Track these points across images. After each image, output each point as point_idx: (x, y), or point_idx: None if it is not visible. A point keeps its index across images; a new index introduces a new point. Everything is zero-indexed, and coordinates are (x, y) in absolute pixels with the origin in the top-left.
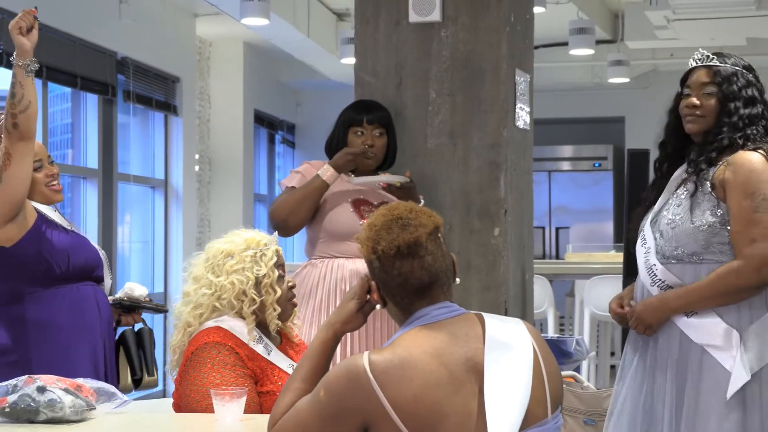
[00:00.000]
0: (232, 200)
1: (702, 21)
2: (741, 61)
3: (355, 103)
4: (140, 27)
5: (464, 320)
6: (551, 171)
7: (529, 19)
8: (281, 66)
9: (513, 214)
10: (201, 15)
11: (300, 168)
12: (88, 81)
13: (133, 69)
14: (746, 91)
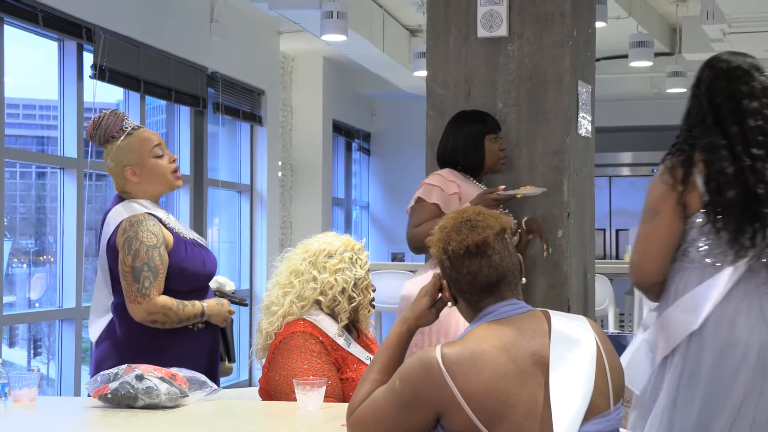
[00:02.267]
0: (312, 204)
1: (756, 34)
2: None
3: (475, 114)
4: (228, 44)
5: (531, 317)
6: (612, 176)
7: (591, 33)
8: (358, 78)
9: (575, 217)
10: (284, 32)
11: (434, 181)
12: (181, 94)
13: (222, 83)
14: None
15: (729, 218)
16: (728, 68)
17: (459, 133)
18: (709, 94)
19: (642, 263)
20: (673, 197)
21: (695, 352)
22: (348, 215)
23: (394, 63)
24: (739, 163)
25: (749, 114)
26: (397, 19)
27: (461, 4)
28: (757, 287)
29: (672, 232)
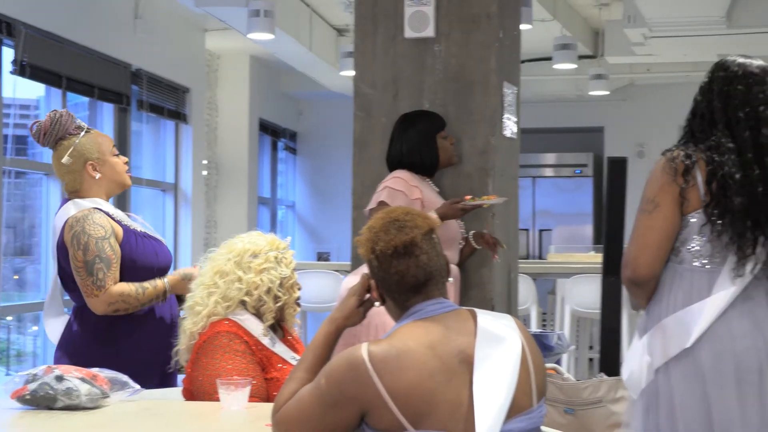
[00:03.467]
0: (237, 203)
1: (676, 38)
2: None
3: (420, 114)
4: (153, 41)
5: (457, 315)
6: (536, 177)
7: (516, 36)
8: (285, 77)
9: (500, 217)
10: (210, 30)
11: (398, 186)
12: (104, 91)
13: (147, 80)
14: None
15: (734, 223)
16: (744, 72)
17: (410, 135)
18: (724, 97)
19: (640, 257)
20: (673, 191)
21: (694, 366)
22: (274, 214)
23: (321, 62)
24: (747, 170)
25: (764, 122)
26: (324, 19)
27: (389, 4)
28: (749, 297)
29: (672, 225)
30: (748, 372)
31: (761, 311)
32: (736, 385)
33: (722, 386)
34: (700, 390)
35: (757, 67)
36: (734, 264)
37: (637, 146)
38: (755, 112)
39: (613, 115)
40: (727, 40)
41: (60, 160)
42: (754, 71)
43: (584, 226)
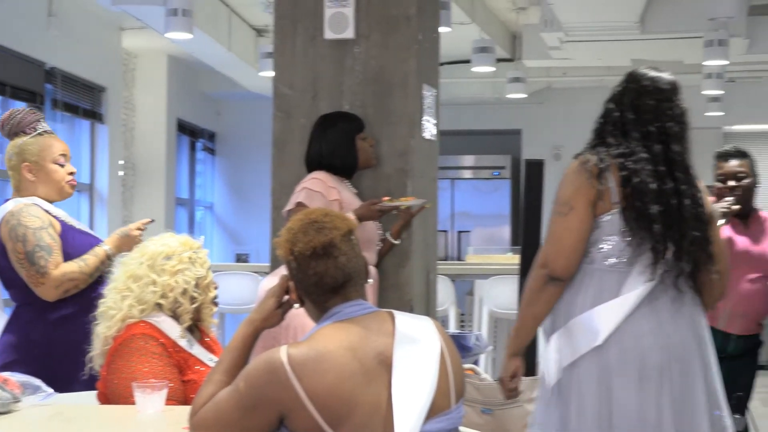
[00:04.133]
0: (154, 204)
1: (591, 43)
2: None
3: (340, 115)
4: (68, 39)
5: (376, 317)
6: (454, 179)
7: (435, 38)
8: (203, 77)
9: (419, 219)
10: (127, 29)
11: (316, 186)
12: (16, 89)
13: (61, 79)
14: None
15: (650, 229)
16: (654, 87)
17: (329, 136)
18: (635, 109)
19: (558, 258)
20: (587, 194)
21: (602, 362)
22: (192, 215)
23: (240, 62)
24: (661, 182)
25: (673, 137)
26: (243, 19)
27: (308, 5)
28: (656, 299)
29: (586, 227)
30: (650, 369)
31: (665, 313)
32: (639, 382)
33: (626, 383)
34: (606, 386)
35: (667, 82)
36: (645, 267)
37: (554, 149)
38: (664, 128)
39: (531, 117)
40: (640, 45)
41: (7, 154)
42: (664, 87)
43: (502, 227)
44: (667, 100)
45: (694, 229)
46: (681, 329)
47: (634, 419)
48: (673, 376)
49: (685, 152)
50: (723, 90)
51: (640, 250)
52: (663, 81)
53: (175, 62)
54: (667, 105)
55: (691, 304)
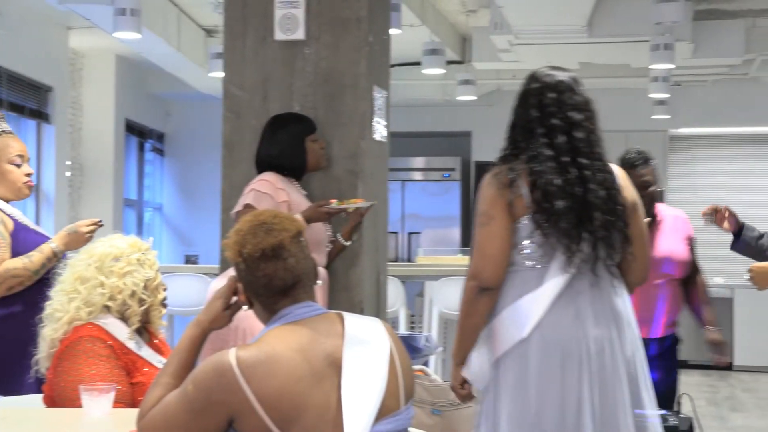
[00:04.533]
0: (102, 205)
1: (540, 46)
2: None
3: (291, 116)
4: (14, 37)
5: (326, 318)
6: (405, 180)
7: (386, 40)
8: (152, 78)
9: (369, 220)
10: (74, 28)
11: (264, 188)
12: None
13: (6, 78)
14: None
15: (559, 225)
16: (555, 81)
17: (280, 137)
18: (539, 106)
19: (485, 268)
20: (502, 202)
21: (524, 354)
22: (140, 216)
23: (189, 63)
24: (565, 174)
25: (576, 125)
26: (192, 19)
27: (258, 5)
28: (574, 289)
29: (508, 233)
30: (570, 360)
31: (584, 303)
32: (561, 372)
33: (548, 373)
34: (529, 379)
35: (566, 76)
36: (562, 261)
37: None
38: (567, 117)
39: (481, 119)
40: (588, 48)
41: None
42: (564, 80)
43: (452, 229)
44: (568, 91)
45: (605, 212)
46: (601, 320)
47: (556, 411)
48: (593, 368)
49: (592, 139)
50: (669, 93)
51: (556, 249)
52: (562, 75)
53: (124, 62)
54: (568, 95)
55: (611, 290)
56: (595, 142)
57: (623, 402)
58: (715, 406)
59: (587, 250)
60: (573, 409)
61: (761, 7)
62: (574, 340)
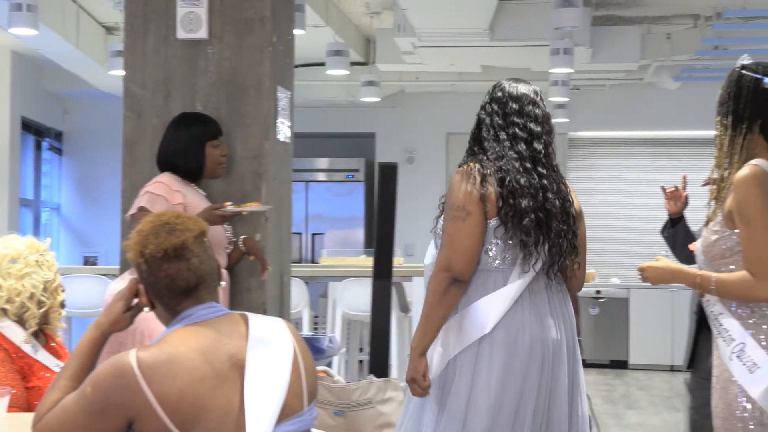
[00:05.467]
0: None
1: (443, 48)
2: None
3: (197, 117)
4: None
5: (229, 320)
6: (308, 181)
7: (290, 40)
8: (49, 75)
9: (273, 221)
10: None
11: (159, 190)
12: None
13: None
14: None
15: (521, 224)
16: (518, 94)
17: (180, 137)
18: (503, 114)
19: (459, 261)
20: (477, 198)
21: (487, 351)
22: (37, 217)
23: (89, 61)
24: (529, 178)
25: (535, 137)
26: (92, 16)
27: (160, 3)
28: (533, 290)
29: (482, 229)
30: (533, 358)
31: (542, 304)
32: (525, 370)
33: (513, 371)
34: (489, 376)
35: (529, 89)
36: (522, 260)
37: (407, 152)
38: (528, 128)
39: (384, 121)
40: (490, 51)
41: None
42: (527, 93)
43: (356, 230)
44: (530, 104)
45: (560, 221)
46: (558, 320)
47: (515, 405)
48: (551, 365)
49: (549, 151)
50: (568, 97)
51: (520, 249)
52: (526, 88)
53: (20, 59)
54: (530, 108)
55: (561, 293)
56: (553, 154)
57: (567, 394)
58: (612, 404)
59: (543, 254)
60: (532, 403)
61: (656, 14)
62: (537, 339)
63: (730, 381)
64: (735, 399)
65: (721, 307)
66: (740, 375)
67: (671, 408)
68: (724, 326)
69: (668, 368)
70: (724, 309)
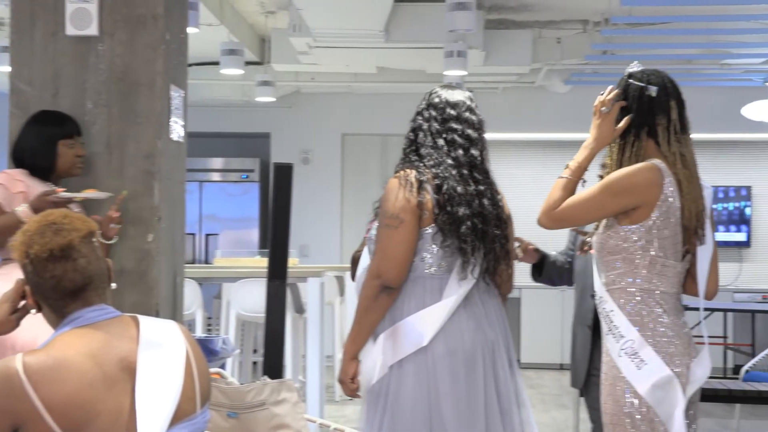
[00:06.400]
0: None
1: (339, 49)
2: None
3: (55, 116)
4: None
5: (119, 322)
6: (202, 181)
7: (183, 38)
8: None
9: (166, 221)
10: None
11: (1, 179)
12: None
13: None
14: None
15: (458, 232)
16: (455, 101)
17: (32, 134)
18: (440, 120)
19: (391, 269)
20: (412, 207)
21: (429, 360)
22: None
23: None
24: (466, 185)
25: (473, 143)
26: None
27: None
28: (470, 298)
29: (415, 237)
30: (474, 363)
31: (479, 310)
32: (465, 376)
33: (453, 378)
34: (431, 383)
35: (465, 96)
36: (460, 267)
37: (302, 153)
38: (465, 135)
39: (280, 121)
40: (385, 53)
41: None
42: (464, 99)
43: (251, 230)
44: (467, 110)
45: (495, 227)
46: (495, 326)
47: (458, 411)
48: (492, 370)
49: (484, 156)
50: None
51: (455, 257)
52: (462, 95)
53: None
54: (467, 114)
55: (495, 298)
56: (487, 160)
57: (512, 398)
58: None
59: (480, 261)
60: (478, 409)
61: (547, 19)
62: (478, 345)
63: (618, 377)
64: (623, 395)
65: (612, 305)
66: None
67: (561, 406)
68: (615, 323)
69: (558, 367)
70: (615, 306)
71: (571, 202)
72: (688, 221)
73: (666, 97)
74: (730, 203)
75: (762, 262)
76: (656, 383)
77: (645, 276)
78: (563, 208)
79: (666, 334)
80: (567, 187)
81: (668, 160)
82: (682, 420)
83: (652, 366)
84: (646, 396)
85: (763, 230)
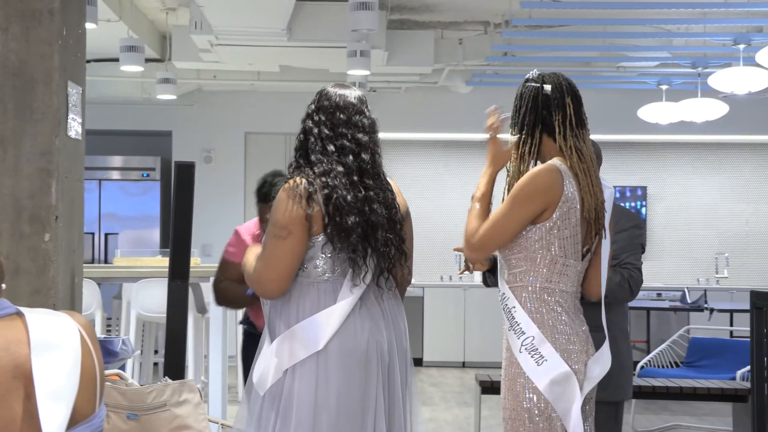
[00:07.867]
0: None
1: (241, 47)
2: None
3: None
4: None
5: (10, 325)
6: (102, 180)
7: (81, 34)
8: None
9: (63, 220)
10: None
11: None
12: None
13: None
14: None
15: (349, 240)
16: (345, 103)
17: None
18: (330, 125)
19: (273, 280)
20: (301, 217)
21: (324, 363)
22: None
23: None
24: (355, 192)
25: (363, 147)
26: None
27: None
28: (364, 301)
29: (303, 248)
30: (371, 363)
31: (376, 311)
32: (362, 377)
33: (350, 378)
34: (328, 385)
35: (355, 97)
36: (351, 275)
37: (204, 151)
38: (356, 139)
39: (181, 119)
40: (288, 52)
41: None
42: (354, 102)
43: (152, 229)
44: (358, 113)
45: (387, 231)
46: (390, 328)
47: (357, 412)
48: (387, 371)
49: (376, 159)
50: None
51: (346, 262)
52: (352, 96)
53: None
54: (358, 118)
55: (392, 300)
56: (379, 162)
57: (403, 399)
58: None
59: (372, 265)
60: (373, 409)
61: (449, 20)
62: (374, 344)
63: (518, 373)
64: (522, 391)
65: (514, 301)
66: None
67: (462, 403)
68: (516, 319)
69: (460, 365)
70: (517, 303)
71: (486, 226)
72: (588, 213)
73: (560, 94)
74: (627, 203)
75: (656, 261)
76: (554, 379)
77: (545, 275)
78: (480, 234)
79: (565, 332)
80: (479, 215)
81: (565, 154)
82: (578, 416)
83: (551, 362)
84: (545, 392)
85: (657, 229)
